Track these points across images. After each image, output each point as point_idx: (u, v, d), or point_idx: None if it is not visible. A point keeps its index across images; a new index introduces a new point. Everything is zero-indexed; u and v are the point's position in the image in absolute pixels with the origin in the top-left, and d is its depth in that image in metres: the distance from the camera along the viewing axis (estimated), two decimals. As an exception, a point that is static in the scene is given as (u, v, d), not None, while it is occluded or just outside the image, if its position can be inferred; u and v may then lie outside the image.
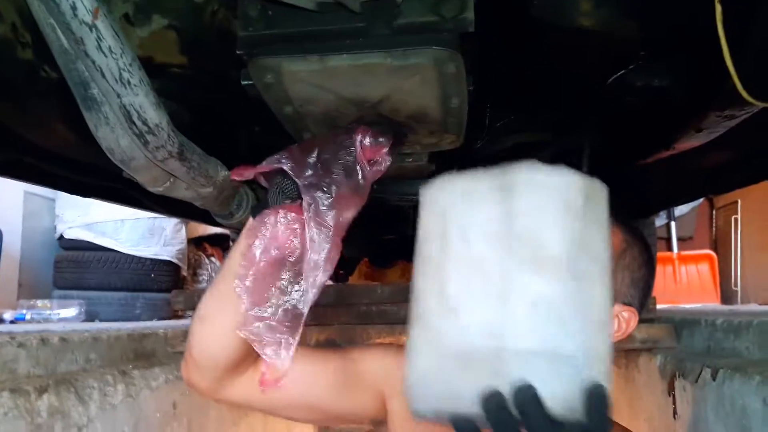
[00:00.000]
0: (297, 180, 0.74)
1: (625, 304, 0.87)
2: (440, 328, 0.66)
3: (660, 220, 4.23)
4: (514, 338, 0.62)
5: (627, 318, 0.87)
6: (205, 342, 0.85)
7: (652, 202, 1.95)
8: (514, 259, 0.64)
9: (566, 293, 0.63)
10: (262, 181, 0.81)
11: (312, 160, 0.74)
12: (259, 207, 0.81)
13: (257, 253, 0.77)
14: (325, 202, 0.72)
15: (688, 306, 3.18)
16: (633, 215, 2.14)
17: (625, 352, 1.66)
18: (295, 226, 0.75)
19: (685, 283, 4.27)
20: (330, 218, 0.73)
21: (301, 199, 0.74)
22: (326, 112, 0.81)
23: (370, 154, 0.76)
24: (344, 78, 0.72)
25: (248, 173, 0.78)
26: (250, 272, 0.77)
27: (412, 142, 0.90)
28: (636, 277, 0.89)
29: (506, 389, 0.59)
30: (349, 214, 0.76)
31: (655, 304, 1.68)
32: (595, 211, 0.68)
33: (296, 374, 0.92)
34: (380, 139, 0.77)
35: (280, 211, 0.76)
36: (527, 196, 0.67)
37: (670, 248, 4.33)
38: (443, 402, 0.64)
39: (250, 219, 0.81)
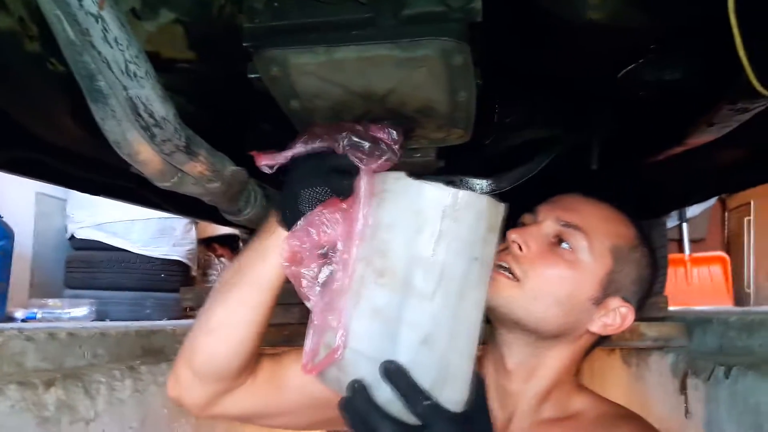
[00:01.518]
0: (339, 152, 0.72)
1: (624, 299, 0.87)
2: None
3: (671, 222, 4.19)
4: (353, 339, 0.67)
5: (624, 314, 0.87)
6: (214, 354, 0.82)
7: (664, 201, 1.93)
8: (369, 267, 0.68)
9: (401, 308, 0.66)
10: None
11: (344, 141, 0.73)
12: (289, 205, 0.77)
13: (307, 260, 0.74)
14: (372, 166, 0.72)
15: (700, 308, 3.15)
16: (644, 215, 2.12)
17: (636, 350, 1.65)
18: (337, 215, 0.73)
19: (697, 285, 4.23)
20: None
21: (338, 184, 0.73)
22: (333, 106, 0.80)
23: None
24: (351, 70, 0.71)
25: (281, 157, 0.75)
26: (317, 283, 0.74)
27: (419, 137, 0.89)
28: (642, 275, 0.89)
29: (346, 382, 0.66)
30: None
31: (666, 303, 1.67)
32: (457, 227, 0.67)
33: (292, 377, 0.90)
34: (393, 132, 0.77)
35: (320, 212, 0.73)
36: (385, 208, 0.70)
37: (681, 250, 4.29)
38: (322, 378, 0.71)
39: (278, 229, 0.78)
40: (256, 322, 0.82)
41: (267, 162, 0.76)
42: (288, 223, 0.78)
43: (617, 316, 0.86)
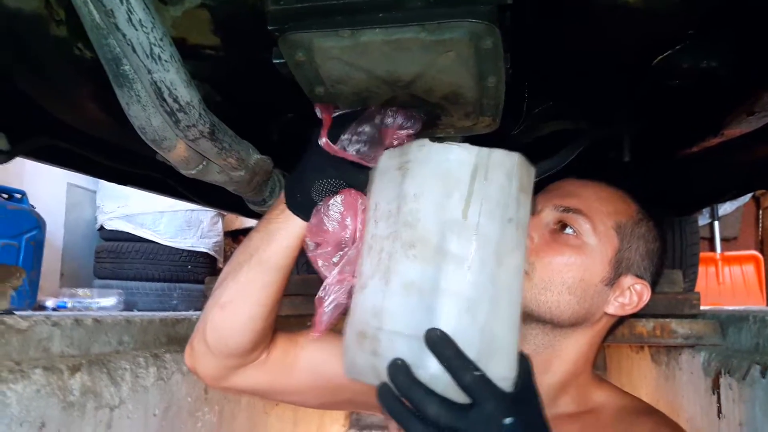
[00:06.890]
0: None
1: (637, 276, 0.85)
2: (353, 305, 0.70)
3: (702, 220, 4.10)
4: (388, 320, 0.64)
5: (639, 291, 0.85)
6: (225, 329, 0.83)
7: (696, 197, 1.88)
8: (397, 242, 0.65)
9: (436, 278, 0.62)
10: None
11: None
12: (300, 190, 0.79)
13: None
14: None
15: (733, 307, 3.08)
16: (675, 212, 2.07)
17: (666, 349, 1.61)
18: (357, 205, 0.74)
19: (729, 285, 4.14)
20: None
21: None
22: (358, 92, 0.79)
23: (392, 136, 0.75)
24: (377, 54, 0.70)
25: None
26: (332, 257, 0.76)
27: (445, 125, 0.87)
28: (651, 249, 0.87)
29: (384, 367, 0.62)
30: None
31: (699, 300, 1.62)
32: (488, 187, 0.64)
33: (308, 356, 0.90)
34: (408, 123, 0.77)
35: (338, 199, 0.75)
36: (412, 178, 0.67)
37: (713, 249, 4.19)
38: (356, 372, 0.68)
39: (286, 211, 0.80)
40: (266, 302, 0.82)
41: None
42: (298, 208, 0.79)
43: (633, 294, 0.85)
